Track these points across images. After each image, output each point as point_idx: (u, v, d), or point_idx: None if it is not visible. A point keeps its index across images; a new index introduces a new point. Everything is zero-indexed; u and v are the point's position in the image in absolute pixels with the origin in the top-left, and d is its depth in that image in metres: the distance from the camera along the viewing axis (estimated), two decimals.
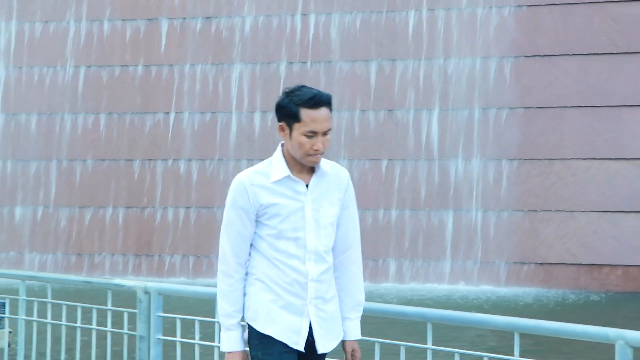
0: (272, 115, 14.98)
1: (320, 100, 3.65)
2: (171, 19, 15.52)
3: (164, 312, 5.08)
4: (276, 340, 3.67)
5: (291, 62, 14.97)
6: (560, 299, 12.95)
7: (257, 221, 3.70)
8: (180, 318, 5.05)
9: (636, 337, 3.45)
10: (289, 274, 3.68)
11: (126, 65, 15.60)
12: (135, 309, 5.10)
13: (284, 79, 14.99)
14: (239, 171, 15.26)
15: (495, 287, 13.90)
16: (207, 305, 4.95)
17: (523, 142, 14.08)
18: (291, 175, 3.70)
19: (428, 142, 14.43)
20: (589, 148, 13.82)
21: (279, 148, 3.76)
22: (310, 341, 3.71)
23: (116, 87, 15.58)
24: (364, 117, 14.63)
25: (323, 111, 3.64)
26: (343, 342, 3.81)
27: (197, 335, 5.00)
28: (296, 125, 3.65)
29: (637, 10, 13.89)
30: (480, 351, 4.10)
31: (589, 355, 8.02)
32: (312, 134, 3.65)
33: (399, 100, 14.58)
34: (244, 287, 3.73)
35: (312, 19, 15.05)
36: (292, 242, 3.68)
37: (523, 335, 3.81)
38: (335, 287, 3.78)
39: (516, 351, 3.85)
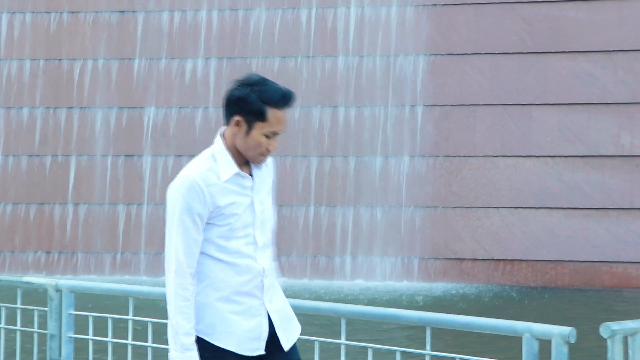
0: (188, 110, 14.86)
1: (290, 101, 3.38)
2: (87, 12, 15.27)
3: (76, 310, 5.02)
4: (234, 353, 3.41)
5: (207, 58, 14.86)
6: (473, 294, 13.17)
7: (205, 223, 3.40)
8: (92, 316, 4.99)
9: (542, 329, 3.56)
10: (245, 274, 3.42)
11: (37, 59, 15.31)
12: (46, 307, 5.02)
13: (200, 75, 14.88)
14: (156, 167, 15.25)
15: (409, 282, 14.06)
16: (120, 302, 4.91)
17: (437, 139, 14.28)
18: (240, 172, 3.43)
19: (343, 138, 14.52)
20: (500, 145, 14.10)
21: (220, 140, 3.45)
22: (269, 340, 3.48)
23: (26, 81, 15.28)
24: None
25: (288, 112, 3.38)
26: None
27: (109, 333, 4.95)
28: (259, 125, 3.36)
29: (546, 11, 14.21)
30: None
31: (501, 347, 8.18)
32: (273, 135, 3.39)
33: (314, 97, 14.63)
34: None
35: (227, 14, 14.98)
36: (243, 240, 3.42)
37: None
38: None
39: (427, 345, 3.92)
